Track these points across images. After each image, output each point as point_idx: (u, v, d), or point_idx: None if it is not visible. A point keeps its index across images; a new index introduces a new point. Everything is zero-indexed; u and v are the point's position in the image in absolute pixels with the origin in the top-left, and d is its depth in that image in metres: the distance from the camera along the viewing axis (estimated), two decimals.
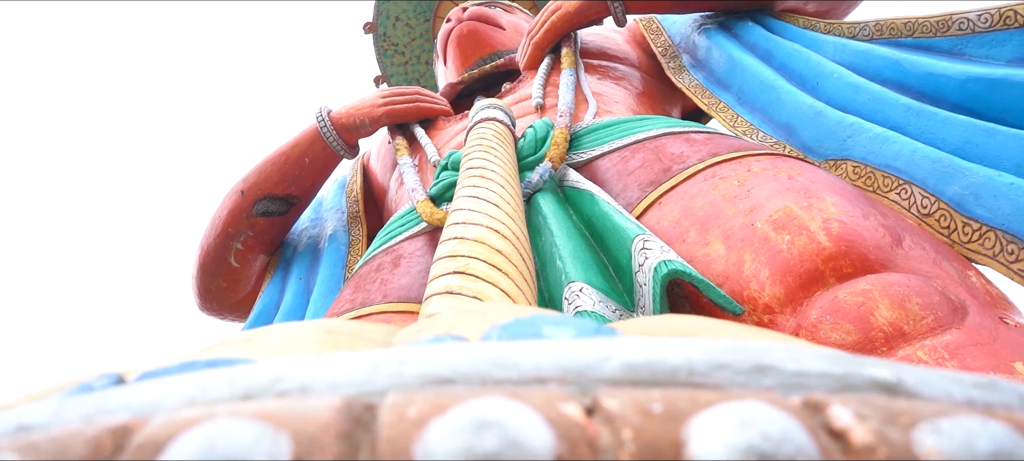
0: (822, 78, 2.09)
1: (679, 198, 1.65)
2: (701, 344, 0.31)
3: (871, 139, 1.82)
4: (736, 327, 0.46)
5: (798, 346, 0.33)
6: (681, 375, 0.30)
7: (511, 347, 0.33)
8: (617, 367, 0.31)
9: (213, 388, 0.33)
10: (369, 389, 0.32)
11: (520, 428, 0.25)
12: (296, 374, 0.33)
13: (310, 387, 0.32)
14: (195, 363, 0.41)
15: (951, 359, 1.12)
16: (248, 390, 0.32)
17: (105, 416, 0.31)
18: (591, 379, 0.30)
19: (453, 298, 1.05)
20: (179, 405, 0.31)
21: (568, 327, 0.40)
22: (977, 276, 1.42)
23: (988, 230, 1.53)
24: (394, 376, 0.32)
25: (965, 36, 1.89)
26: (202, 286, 2.80)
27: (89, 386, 0.39)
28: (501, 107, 1.93)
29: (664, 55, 2.69)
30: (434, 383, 0.31)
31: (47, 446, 0.28)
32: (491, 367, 0.32)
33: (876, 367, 0.30)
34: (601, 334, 0.38)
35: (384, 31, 3.76)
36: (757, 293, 1.37)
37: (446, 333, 0.45)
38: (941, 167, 1.63)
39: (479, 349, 0.33)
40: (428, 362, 0.33)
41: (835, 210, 1.43)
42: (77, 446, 0.28)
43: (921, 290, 1.25)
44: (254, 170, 2.69)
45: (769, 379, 0.29)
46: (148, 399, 0.32)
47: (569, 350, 0.32)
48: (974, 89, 1.76)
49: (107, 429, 0.29)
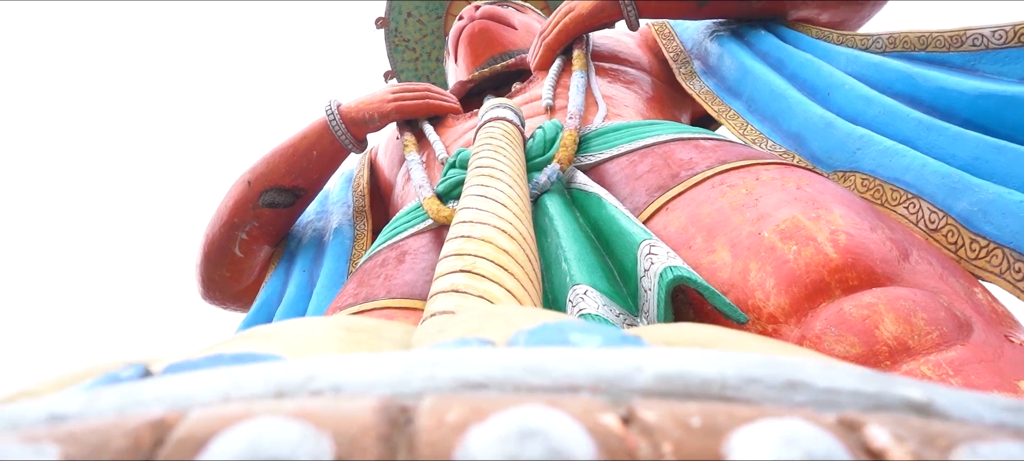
0: (833, 89, 2.08)
1: (686, 204, 1.65)
2: (733, 357, 0.31)
3: (881, 152, 1.82)
4: (757, 339, 0.45)
5: (829, 363, 0.33)
6: (713, 388, 0.30)
7: (543, 354, 0.33)
8: (650, 378, 0.30)
9: (246, 384, 0.32)
10: (403, 391, 0.31)
11: (563, 438, 0.25)
12: (329, 373, 0.33)
13: (343, 387, 0.32)
14: (221, 357, 0.41)
15: (955, 375, 1.12)
16: (281, 388, 0.32)
17: (138, 408, 0.31)
18: (624, 389, 0.30)
19: (459, 297, 1.05)
20: (214, 400, 0.31)
21: (595, 335, 0.40)
22: (983, 293, 1.42)
23: (996, 247, 1.52)
24: (427, 379, 0.32)
25: (979, 52, 1.88)
26: (206, 275, 2.80)
27: (116, 377, 0.39)
28: (511, 107, 1.93)
29: (675, 60, 2.69)
30: (468, 387, 0.31)
31: (87, 437, 0.28)
32: (525, 373, 0.32)
33: (907, 387, 0.30)
34: (627, 343, 0.38)
35: (396, 26, 3.76)
36: (762, 302, 1.36)
37: (472, 336, 0.44)
38: (950, 182, 1.63)
39: (512, 355, 0.33)
40: (462, 366, 0.33)
41: (843, 222, 1.43)
42: (117, 439, 0.28)
43: (927, 305, 1.24)
44: (261, 161, 2.69)
45: (801, 395, 0.29)
46: (181, 392, 0.32)
47: (602, 359, 0.32)
48: (986, 105, 1.75)
49: (146, 422, 0.29)
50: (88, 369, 0.45)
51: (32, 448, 0.27)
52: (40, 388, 0.42)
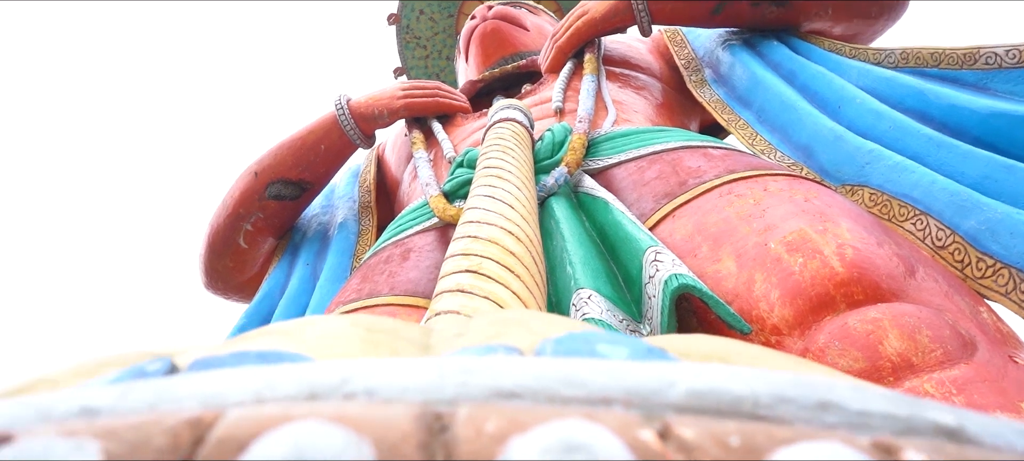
0: (844, 102, 2.08)
1: (693, 213, 1.64)
2: (764, 376, 0.31)
3: (890, 167, 1.82)
4: (779, 355, 0.45)
5: (860, 385, 0.33)
6: (745, 406, 0.30)
7: (576, 365, 0.33)
8: (682, 393, 0.30)
9: (279, 385, 0.32)
10: (436, 397, 0.31)
11: (606, 452, 0.25)
12: (362, 377, 0.33)
13: (376, 391, 0.32)
14: (247, 354, 0.41)
15: (958, 394, 1.12)
16: (314, 389, 0.32)
17: (171, 405, 0.31)
18: (656, 404, 0.30)
19: (465, 297, 1.05)
20: (246, 400, 0.31)
21: (622, 346, 0.39)
22: (988, 312, 1.41)
23: (1002, 267, 1.52)
24: (460, 386, 0.32)
25: (991, 71, 1.88)
26: (209, 265, 2.81)
27: (143, 371, 0.39)
28: (521, 108, 1.93)
29: (686, 68, 2.68)
30: (501, 396, 0.31)
31: (126, 434, 0.28)
32: (558, 384, 0.32)
33: (938, 411, 0.29)
34: (655, 356, 0.38)
35: (407, 23, 3.77)
36: (766, 313, 1.36)
37: (498, 342, 0.44)
38: (959, 200, 1.63)
39: (544, 365, 0.33)
40: (495, 375, 0.33)
41: (850, 236, 1.43)
42: (157, 437, 0.28)
43: (932, 322, 1.24)
44: (269, 153, 2.70)
45: (832, 416, 0.28)
46: (214, 391, 0.32)
47: (634, 372, 0.32)
48: (997, 124, 1.75)
49: (184, 421, 0.29)
50: (108, 359, 0.45)
51: (72, 444, 0.27)
52: (59, 377, 0.42)
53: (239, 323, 2.48)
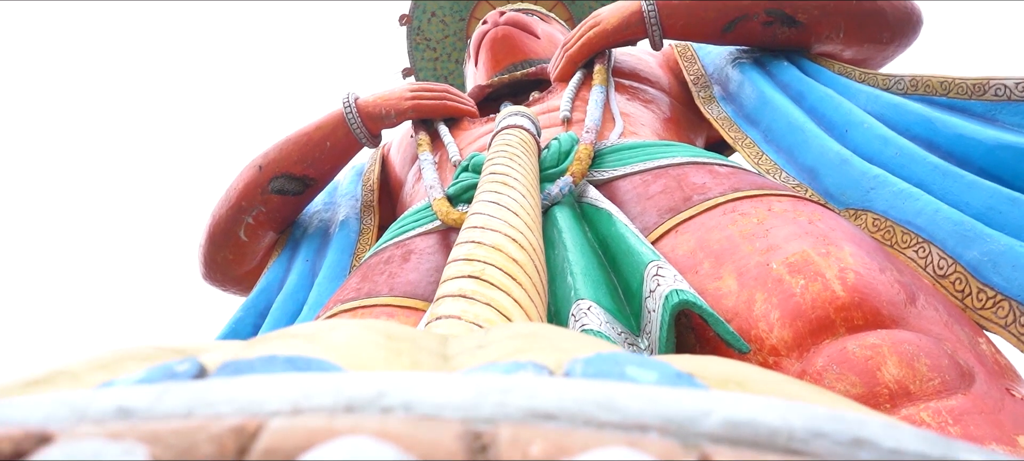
0: (851, 126, 2.08)
1: (697, 229, 1.64)
2: (800, 409, 0.31)
3: (894, 193, 1.82)
4: (800, 385, 0.45)
5: (892, 422, 0.33)
6: (780, 439, 0.30)
7: (611, 389, 0.32)
8: (718, 423, 0.30)
9: (315, 394, 0.32)
10: (474, 416, 0.31)
11: None
12: (399, 390, 0.33)
13: (413, 406, 0.32)
14: (275, 359, 0.41)
15: (955, 425, 1.12)
16: (351, 402, 0.32)
17: (207, 409, 0.31)
18: (692, 432, 0.30)
19: (467, 302, 1.04)
20: (284, 409, 0.31)
21: (651, 370, 0.39)
22: (987, 344, 1.41)
23: (1003, 299, 1.52)
24: (497, 405, 0.32)
25: (1000, 102, 1.88)
26: (208, 256, 2.81)
27: (171, 370, 0.39)
28: (529, 116, 1.93)
29: (695, 84, 2.69)
30: (539, 417, 0.31)
31: (171, 439, 0.28)
32: (595, 408, 0.31)
33: (969, 452, 0.29)
34: (683, 381, 0.38)
35: (419, 25, 3.78)
36: (765, 333, 1.36)
37: (526, 359, 0.44)
38: (962, 230, 1.63)
39: (580, 387, 0.33)
40: (532, 395, 0.32)
41: (853, 261, 1.42)
42: (203, 443, 0.28)
43: (931, 351, 1.24)
44: (274, 147, 2.70)
45: (866, 453, 0.28)
46: (250, 397, 0.32)
47: (670, 399, 0.32)
48: (1003, 156, 1.75)
49: (228, 429, 0.29)
50: (126, 353, 0.45)
51: (121, 447, 0.27)
52: (78, 370, 0.42)
53: (236, 315, 2.48)
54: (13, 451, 0.28)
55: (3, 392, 0.39)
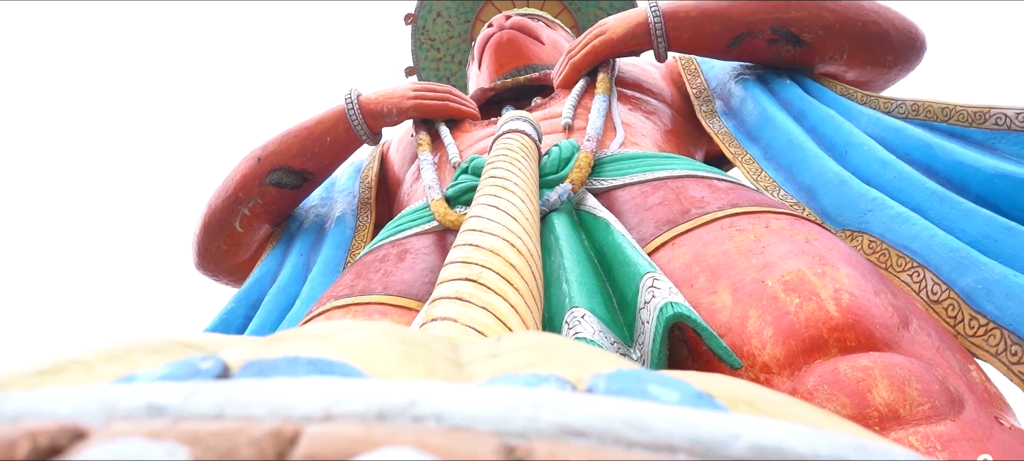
0: (851, 148, 2.09)
1: (693, 242, 1.64)
2: (827, 438, 0.31)
3: (891, 217, 1.82)
4: (811, 409, 0.45)
5: (911, 453, 0.33)
6: None
7: (639, 408, 0.32)
8: (746, 447, 0.30)
9: (347, 400, 0.32)
10: (505, 429, 0.31)
11: None
12: (430, 400, 0.33)
13: (445, 417, 0.32)
14: (298, 360, 0.40)
15: (943, 451, 1.12)
16: (383, 410, 0.31)
17: (239, 410, 0.31)
18: (719, 456, 0.30)
19: (463, 305, 1.04)
20: (316, 414, 0.31)
21: (672, 389, 0.39)
22: (978, 372, 1.42)
23: (995, 327, 1.52)
24: (528, 420, 0.32)
25: (1000, 131, 1.89)
26: (202, 245, 2.80)
27: (195, 367, 0.39)
28: (531, 121, 1.93)
29: (698, 97, 2.69)
30: (569, 434, 0.31)
31: (211, 440, 0.27)
32: (624, 427, 0.31)
33: None
34: (704, 402, 0.38)
35: (424, 24, 3.78)
36: (757, 350, 1.36)
37: (547, 373, 0.44)
38: (958, 257, 1.63)
39: (610, 405, 0.33)
40: (563, 410, 0.32)
41: (848, 282, 1.43)
42: (243, 447, 0.27)
43: (922, 376, 1.24)
44: (274, 139, 2.70)
45: None
46: (281, 400, 0.32)
47: (698, 421, 0.32)
48: (1001, 185, 1.76)
49: (266, 432, 0.29)
50: (136, 345, 0.45)
51: (163, 448, 0.27)
52: (90, 359, 0.42)
53: (227, 307, 2.47)
54: (50, 446, 0.27)
55: (18, 381, 0.39)
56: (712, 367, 1.37)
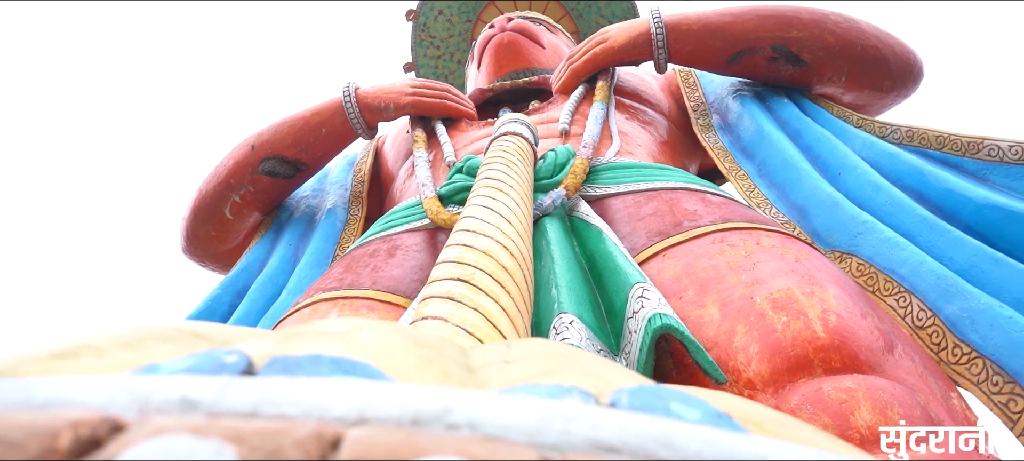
0: (845, 170, 2.10)
1: (684, 255, 1.65)
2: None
3: (881, 241, 1.84)
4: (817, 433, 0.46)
5: None
6: None
7: (668, 426, 0.33)
8: None
9: (381, 404, 0.32)
10: (540, 442, 0.31)
11: None
12: (464, 408, 0.33)
13: (479, 426, 0.32)
14: (322, 359, 0.40)
15: None
16: (417, 416, 0.31)
17: (272, 409, 0.30)
18: None
19: (454, 305, 1.04)
20: (351, 415, 0.31)
21: (694, 408, 0.40)
22: (959, 399, 1.43)
23: (977, 356, 1.54)
24: (562, 434, 0.32)
25: (992, 163, 1.91)
26: (191, 230, 2.79)
27: (220, 361, 0.38)
28: (528, 124, 1.93)
29: (695, 110, 2.70)
30: (602, 449, 0.31)
31: (255, 439, 0.27)
32: (656, 444, 0.31)
33: None
34: (723, 423, 0.38)
35: (425, 22, 3.78)
36: (742, 366, 1.36)
37: (570, 384, 0.44)
38: (944, 284, 1.65)
39: (639, 422, 0.33)
40: (595, 425, 0.32)
41: (836, 303, 1.43)
42: (289, 448, 0.27)
43: (904, 401, 1.25)
44: (269, 128, 2.69)
45: None
46: (314, 401, 0.32)
47: (725, 442, 0.32)
48: (991, 216, 1.78)
49: (309, 434, 0.28)
50: (147, 332, 0.44)
51: (210, 446, 0.26)
52: (102, 345, 0.42)
53: (213, 293, 2.46)
54: (91, 437, 0.27)
55: (32, 364, 0.39)
56: (697, 380, 1.38)
